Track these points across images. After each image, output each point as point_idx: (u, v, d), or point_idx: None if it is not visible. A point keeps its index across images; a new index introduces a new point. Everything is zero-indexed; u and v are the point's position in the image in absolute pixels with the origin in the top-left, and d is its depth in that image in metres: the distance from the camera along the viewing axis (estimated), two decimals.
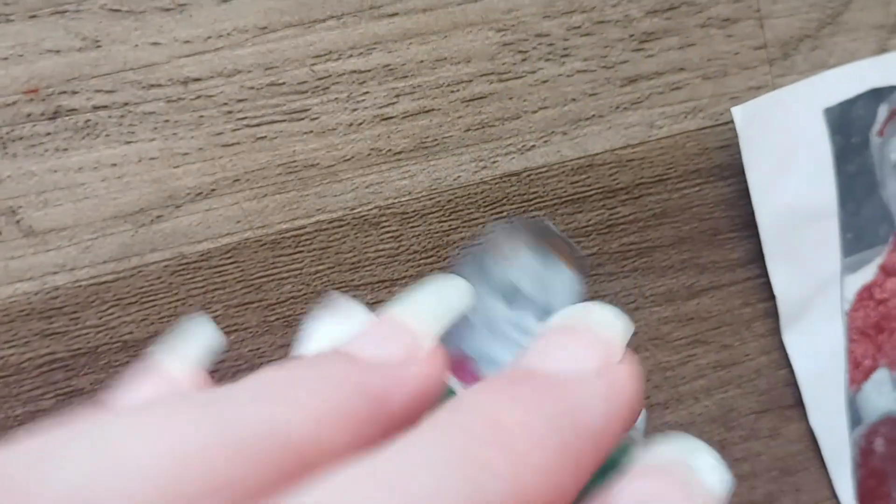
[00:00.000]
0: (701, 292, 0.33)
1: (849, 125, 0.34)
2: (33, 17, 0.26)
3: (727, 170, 0.33)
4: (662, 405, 0.33)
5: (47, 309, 0.27)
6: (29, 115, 0.26)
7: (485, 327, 0.29)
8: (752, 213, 0.33)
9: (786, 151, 0.33)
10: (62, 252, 0.27)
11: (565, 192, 0.31)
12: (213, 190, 0.27)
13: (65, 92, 0.26)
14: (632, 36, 0.31)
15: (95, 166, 0.27)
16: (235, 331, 0.28)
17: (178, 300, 0.27)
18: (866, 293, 0.36)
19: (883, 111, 0.35)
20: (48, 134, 0.26)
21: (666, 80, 0.32)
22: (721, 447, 0.34)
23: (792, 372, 0.35)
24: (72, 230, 0.27)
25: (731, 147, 0.33)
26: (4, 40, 0.26)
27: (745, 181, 0.33)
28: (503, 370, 0.28)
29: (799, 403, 0.35)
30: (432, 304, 0.26)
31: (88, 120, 0.26)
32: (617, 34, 0.31)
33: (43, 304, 0.27)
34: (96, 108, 0.26)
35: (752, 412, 0.34)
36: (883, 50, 0.35)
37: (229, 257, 0.28)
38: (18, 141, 0.26)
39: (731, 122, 0.32)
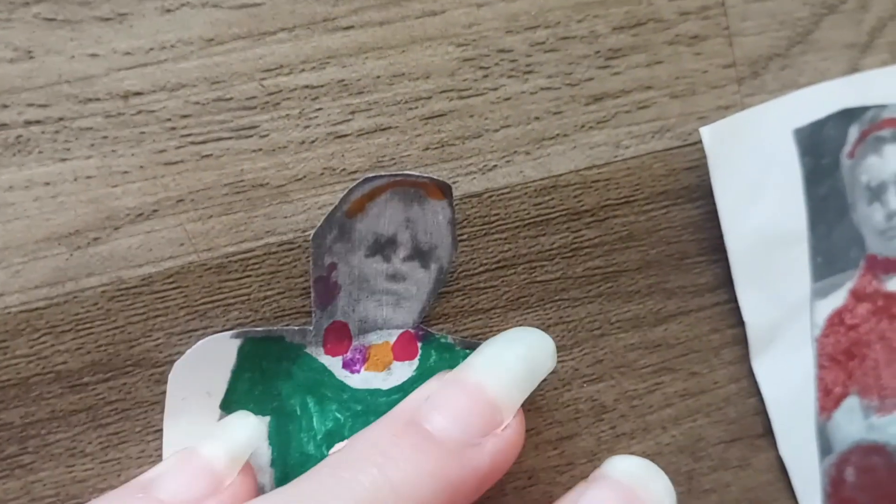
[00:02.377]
0: (668, 318, 0.32)
1: (819, 146, 0.33)
2: None
3: (695, 191, 0.32)
4: (629, 435, 0.32)
5: None
6: None
7: (361, 289, 0.28)
8: (721, 237, 0.32)
9: (755, 173, 0.32)
10: None
11: (528, 213, 0.30)
12: (155, 211, 0.26)
13: None
14: (597, 52, 0.30)
15: (27, 185, 0.25)
16: (177, 359, 0.27)
17: (116, 328, 0.26)
18: (837, 318, 0.35)
19: (853, 132, 0.33)
20: None
21: (632, 98, 0.31)
22: (689, 478, 0.33)
23: (761, 400, 0.34)
24: (0, 253, 0.25)
25: (700, 168, 0.32)
26: None
27: (713, 203, 0.31)
28: (383, 333, 0.28)
29: (769, 432, 0.34)
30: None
31: (20, 136, 0.25)
32: (582, 51, 0.30)
33: None
34: (28, 122, 0.25)
35: (720, 442, 0.33)
36: (854, 69, 0.34)
37: (172, 282, 0.27)
38: None
39: (700, 142, 0.31)
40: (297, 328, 0.27)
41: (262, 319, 0.27)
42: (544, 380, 0.26)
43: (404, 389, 0.28)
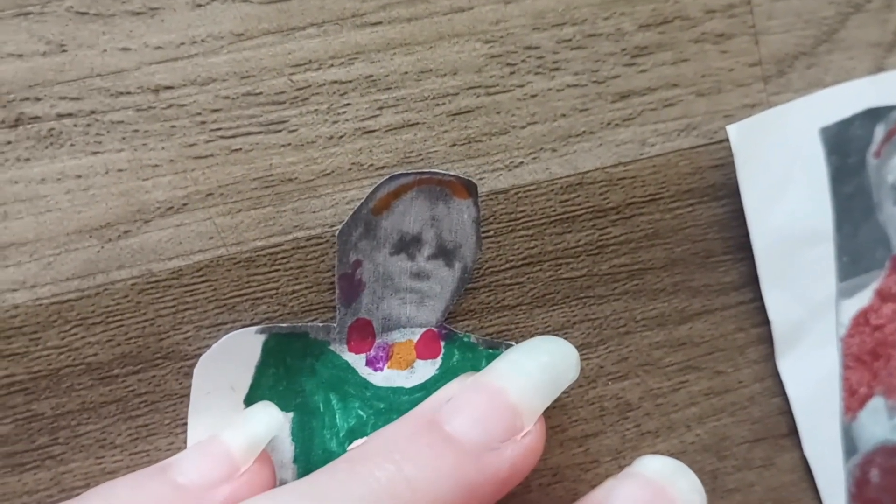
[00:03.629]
0: (693, 316, 0.32)
1: (845, 145, 0.32)
2: None
3: (721, 190, 0.32)
4: (654, 433, 0.32)
5: (6, 328, 0.25)
6: None
7: (386, 287, 0.28)
8: (747, 235, 0.31)
9: (781, 171, 0.32)
10: (22, 268, 0.25)
11: (554, 210, 0.29)
12: (185, 204, 0.26)
13: (27, 99, 0.25)
14: (624, 50, 0.30)
15: (59, 178, 0.25)
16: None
17: (146, 320, 0.26)
18: (862, 318, 0.34)
19: (880, 131, 0.33)
20: (8, 143, 0.25)
21: (659, 95, 0.31)
22: (714, 477, 0.33)
23: (786, 399, 0.33)
24: (33, 245, 0.25)
25: (726, 166, 0.31)
26: None
27: (739, 201, 0.31)
28: (406, 331, 0.28)
29: (793, 432, 0.34)
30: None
31: (52, 129, 0.25)
32: (609, 48, 0.30)
33: (1, 324, 0.25)
34: (60, 116, 0.25)
35: (745, 441, 0.33)
36: (880, 68, 0.33)
37: (201, 275, 0.27)
38: None
39: (726, 140, 0.31)
40: (321, 325, 0.27)
41: (290, 313, 0.27)
42: (566, 389, 0.26)
43: (427, 388, 0.28)
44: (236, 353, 0.27)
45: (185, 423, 0.27)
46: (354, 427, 0.28)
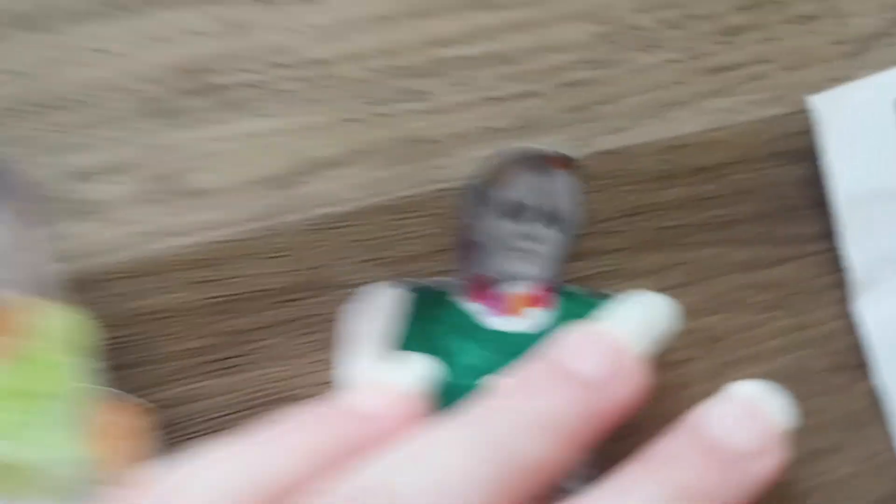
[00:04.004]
0: (778, 262, 0.28)
1: None
2: (186, 4, 0.23)
3: (804, 153, 0.28)
4: (740, 361, 0.29)
5: (206, 259, 0.24)
6: (184, 91, 0.23)
7: (498, 247, 0.25)
8: (826, 193, 0.26)
9: (859, 136, 0.30)
10: (217, 210, 0.24)
11: (654, 169, 0.26)
12: (341, 160, 0.25)
13: (214, 71, 0.24)
14: (719, 30, 0.26)
15: (242, 136, 0.24)
16: (361, 284, 0.25)
17: (313, 255, 0.25)
18: None
19: None
20: (202, 108, 0.24)
21: (749, 70, 0.26)
22: (794, 402, 0.27)
23: (861, 336, 0.29)
24: (224, 191, 0.24)
25: (808, 132, 0.29)
26: (163, 26, 0.24)
27: (820, 164, 0.27)
28: (521, 286, 0.25)
29: (867, 364, 0.29)
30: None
31: (236, 96, 0.23)
32: (705, 28, 0.26)
33: (203, 255, 0.24)
34: (241, 85, 0.24)
35: (823, 370, 0.29)
36: None
37: (357, 219, 0.25)
38: (177, 113, 0.24)
39: (809, 110, 0.26)
40: (446, 279, 0.26)
41: (426, 251, 0.26)
42: (669, 337, 0.22)
43: (537, 334, 0.26)
44: (378, 302, 0.25)
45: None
46: (475, 364, 0.26)
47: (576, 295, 0.26)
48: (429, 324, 0.26)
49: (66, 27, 0.23)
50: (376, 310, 0.25)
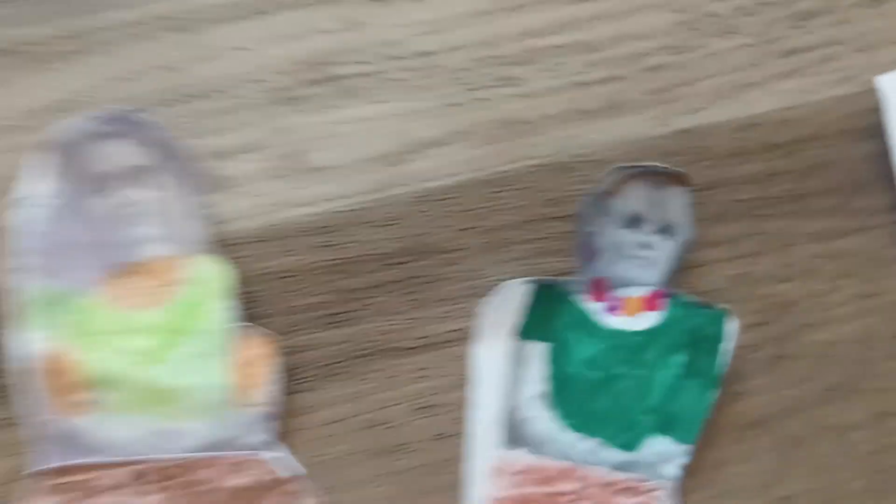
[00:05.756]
0: (849, 233, 0.30)
1: None
2: (308, 5, 0.26)
3: (873, 131, 0.30)
4: (812, 325, 0.30)
5: (325, 226, 0.27)
6: (307, 80, 0.26)
7: (617, 253, 0.27)
8: (894, 168, 0.28)
9: None
10: (334, 184, 0.27)
11: (730, 146, 0.28)
12: (444, 140, 0.27)
13: (333, 63, 0.26)
14: (791, 15, 0.27)
15: (358, 120, 0.27)
16: (460, 250, 0.28)
17: (418, 224, 0.27)
18: None
19: None
20: (323, 96, 0.27)
21: (821, 52, 0.28)
22: (862, 365, 0.29)
23: None
24: (339, 168, 0.27)
25: (876, 111, 0.29)
26: (290, 24, 0.26)
27: (888, 141, 0.27)
28: (636, 290, 0.27)
29: None
30: None
31: (350, 84, 0.26)
32: (777, 13, 0.28)
33: (322, 223, 0.27)
34: (356, 75, 0.27)
35: (891, 337, 0.30)
36: None
37: (456, 192, 0.28)
38: (302, 100, 0.27)
39: (877, 89, 0.27)
40: (569, 280, 0.28)
41: (519, 222, 0.28)
42: None
43: (650, 333, 0.28)
44: (509, 298, 0.27)
45: (446, 300, 0.28)
46: (592, 356, 0.28)
47: (685, 302, 0.28)
48: (551, 318, 0.28)
49: (208, 28, 0.27)
50: (508, 302, 0.27)
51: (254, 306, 0.26)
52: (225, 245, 0.26)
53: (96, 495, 0.24)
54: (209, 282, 0.25)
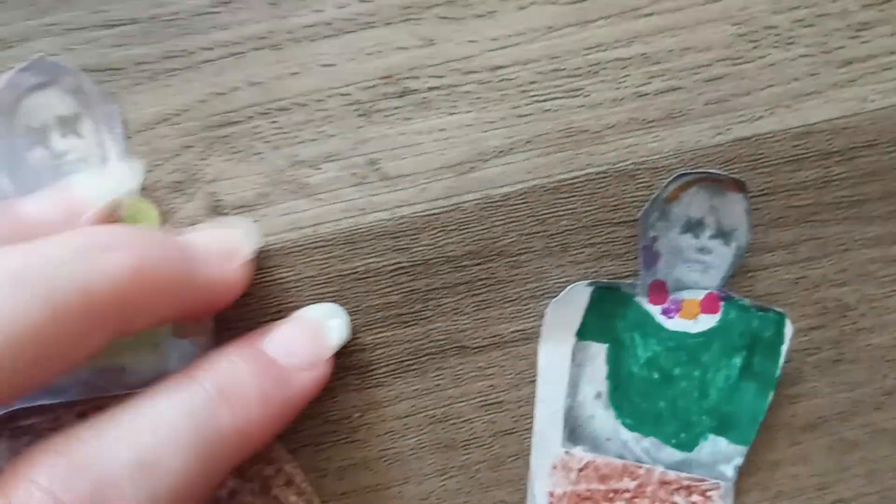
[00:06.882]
0: None
1: None
2: (388, 24, 0.27)
3: None
4: (868, 329, 0.31)
5: (396, 231, 0.28)
6: (385, 94, 0.27)
7: (673, 256, 0.28)
8: None
9: None
10: (406, 192, 0.28)
11: (787, 153, 0.28)
12: (511, 149, 0.27)
13: (409, 77, 0.27)
14: (849, 26, 0.28)
15: (429, 131, 0.27)
16: (526, 253, 0.29)
17: (485, 229, 0.29)
18: None
19: None
20: (398, 108, 0.27)
21: (878, 61, 0.28)
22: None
23: None
24: (413, 176, 0.28)
25: None
26: (369, 40, 0.28)
27: None
28: (693, 291, 0.30)
29: None
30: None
31: (425, 97, 0.27)
32: (835, 24, 0.28)
33: (393, 228, 0.28)
34: (430, 88, 0.27)
35: None
36: None
37: (522, 199, 0.29)
38: (378, 112, 0.27)
39: None
40: (629, 283, 0.29)
41: (582, 227, 0.29)
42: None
43: (707, 335, 0.28)
44: (573, 300, 0.28)
45: (511, 301, 0.29)
46: (651, 357, 0.29)
47: (742, 305, 0.28)
48: (613, 319, 0.28)
49: (291, 45, 0.28)
50: (572, 303, 0.28)
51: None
52: (302, 249, 0.27)
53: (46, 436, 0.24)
54: (142, 222, 0.25)
